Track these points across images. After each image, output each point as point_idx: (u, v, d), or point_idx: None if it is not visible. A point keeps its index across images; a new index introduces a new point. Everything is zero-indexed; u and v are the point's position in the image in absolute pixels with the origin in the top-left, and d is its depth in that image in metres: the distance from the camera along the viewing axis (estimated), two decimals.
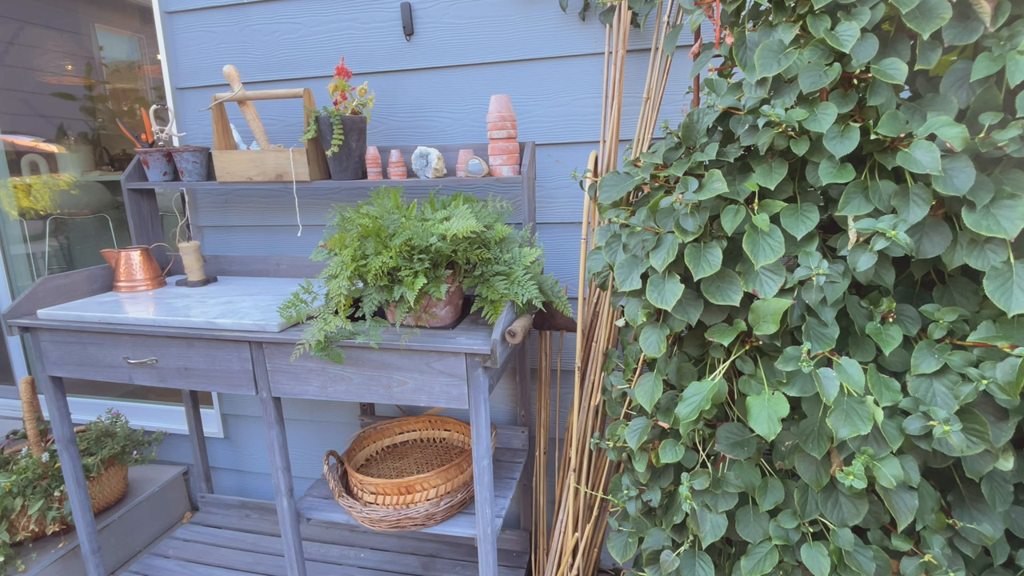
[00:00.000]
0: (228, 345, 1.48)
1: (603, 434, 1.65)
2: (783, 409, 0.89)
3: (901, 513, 0.87)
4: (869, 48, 0.87)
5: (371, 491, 1.57)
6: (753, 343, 1.01)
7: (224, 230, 2.16)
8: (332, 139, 1.68)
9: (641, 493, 1.17)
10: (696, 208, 0.97)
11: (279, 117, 1.98)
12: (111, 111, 2.48)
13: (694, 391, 0.97)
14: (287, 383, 1.47)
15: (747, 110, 0.96)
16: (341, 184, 1.76)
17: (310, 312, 1.46)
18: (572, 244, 1.82)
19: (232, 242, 2.16)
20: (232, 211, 2.12)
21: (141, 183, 1.95)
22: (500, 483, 1.72)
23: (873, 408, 0.84)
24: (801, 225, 0.92)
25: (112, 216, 2.60)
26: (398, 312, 1.34)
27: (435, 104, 1.84)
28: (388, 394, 1.40)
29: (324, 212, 2.01)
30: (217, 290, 1.84)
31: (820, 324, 0.92)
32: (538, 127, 1.77)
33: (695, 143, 1.08)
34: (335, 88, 1.68)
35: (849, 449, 0.90)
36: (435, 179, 1.69)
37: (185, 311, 1.58)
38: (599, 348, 1.59)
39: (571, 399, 1.90)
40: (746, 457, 1.00)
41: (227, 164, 1.81)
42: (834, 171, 0.90)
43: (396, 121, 1.89)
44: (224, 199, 2.12)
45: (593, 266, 1.23)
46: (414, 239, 1.29)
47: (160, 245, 2.06)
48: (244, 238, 2.14)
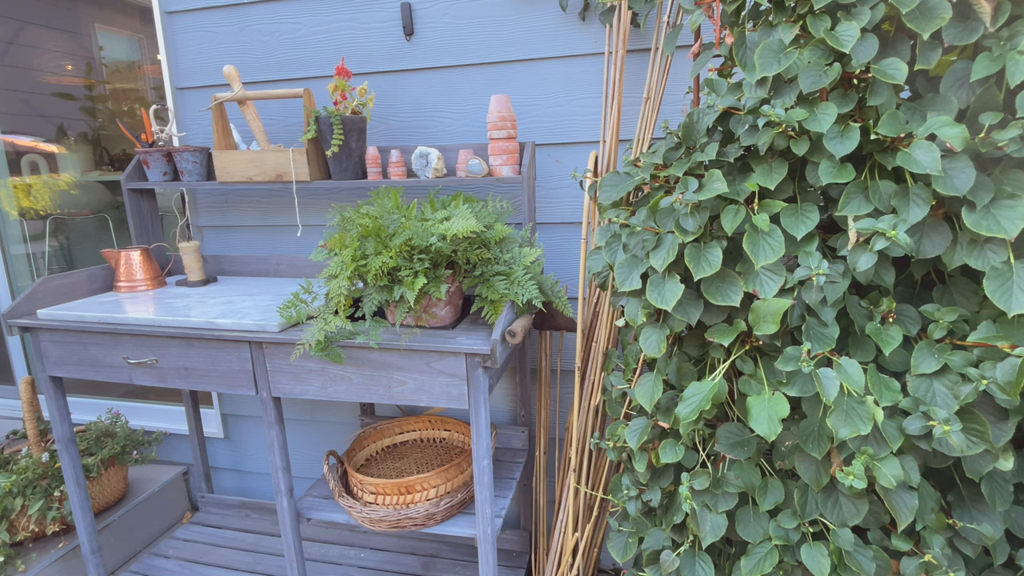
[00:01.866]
0: (228, 345, 1.48)
1: (603, 434, 1.65)
2: (783, 409, 0.89)
3: (901, 513, 0.87)
4: (869, 48, 0.87)
5: (371, 491, 1.57)
6: (753, 343, 1.01)
7: (224, 230, 2.16)
8: (332, 139, 1.68)
9: (641, 493, 1.17)
10: (696, 208, 0.97)
11: (279, 117, 1.98)
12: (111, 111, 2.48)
13: (694, 391, 0.97)
14: (287, 383, 1.47)
15: (747, 110, 0.96)
16: (341, 184, 1.76)
17: (310, 312, 1.46)
18: (572, 244, 1.82)
19: (232, 242, 2.16)
20: (232, 211, 2.12)
21: (141, 183, 1.95)
22: (500, 483, 1.72)
23: (873, 408, 0.84)
24: (801, 225, 0.92)
25: (112, 216, 2.61)
26: (398, 312, 1.34)
27: (435, 104, 1.84)
28: (388, 394, 1.40)
29: (324, 212, 2.01)
30: (217, 290, 1.84)
31: (820, 324, 0.92)
32: (538, 127, 1.77)
33: (695, 143, 1.08)
34: (335, 88, 1.68)
35: (849, 449, 0.90)
36: (435, 179, 1.69)
37: (185, 311, 1.58)
38: (599, 348, 1.59)
39: (571, 399, 1.90)
40: (746, 457, 1.01)
41: (227, 164, 1.82)
42: (834, 171, 0.90)
43: (396, 121, 1.89)
44: (224, 199, 2.12)
45: (593, 266, 1.23)
46: (414, 239, 1.29)
47: (160, 245, 2.05)
48: (244, 238, 2.14)
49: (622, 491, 1.19)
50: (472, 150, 1.69)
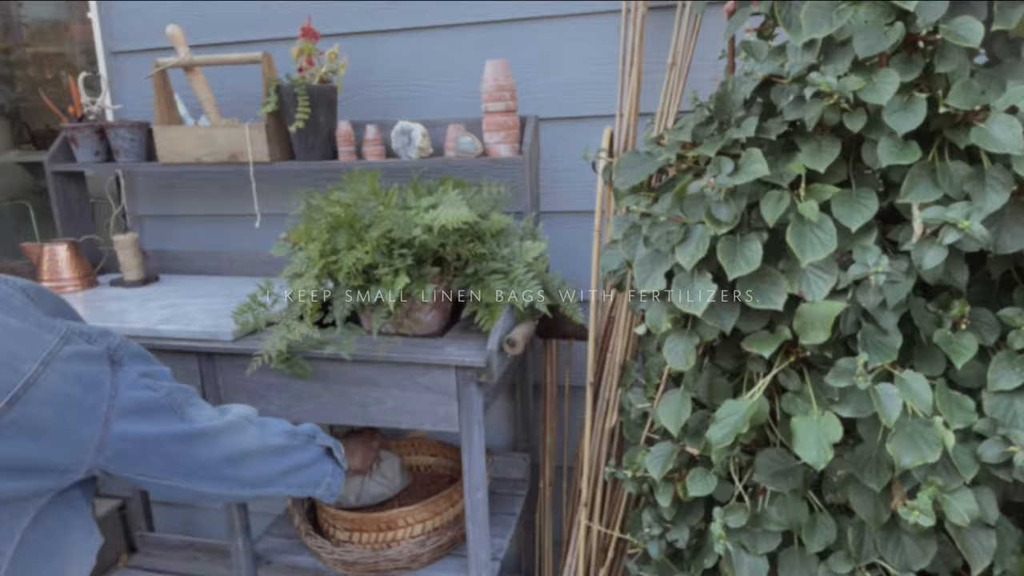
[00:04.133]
0: (172, 357, 1.47)
1: (620, 462, 1.65)
2: (835, 432, 0.89)
3: (976, 555, 0.87)
4: (938, 5, 0.87)
5: (345, 527, 1.57)
6: (799, 354, 1.01)
7: (168, 220, 2.15)
8: (297, 112, 1.68)
9: (665, 532, 1.17)
10: (731, 194, 0.97)
11: (233, 87, 1.97)
12: (32, 79, 2.47)
13: (729, 411, 0.97)
14: (243, 401, 1.45)
15: (792, 78, 0.96)
16: (307, 166, 1.75)
17: (270, 317, 1.46)
18: (583, 237, 1.81)
19: (177, 234, 2.15)
20: (177, 198, 2.12)
21: (68, 164, 1.94)
22: (497, 520, 1.72)
23: (942, 431, 0.84)
24: (857, 214, 0.92)
25: (34, 203, 2.59)
26: (375, 317, 1.34)
27: (419, 71, 1.84)
28: (364, 414, 1.40)
29: (287, 199, 1.99)
30: (159, 291, 1.84)
31: (879, 331, 0.92)
32: (542, 98, 1.77)
33: (730, 117, 1.08)
34: (300, 52, 1.68)
35: (914, 480, 0.90)
36: (419, 160, 1.69)
37: (121, 316, 1.57)
38: (615, 360, 1.59)
39: (581, 421, 1.90)
40: (791, 489, 1.00)
41: (171, 142, 1.81)
42: (896, 150, 0.90)
43: (373, 91, 1.88)
44: (168, 183, 2.11)
45: (608, 263, 1.22)
46: (394, 231, 1.29)
47: (91, 238, 2.05)
48: (192, 229, 2.14)
49: (643, 530, 1.19)
50: (463, 125, 1.69)
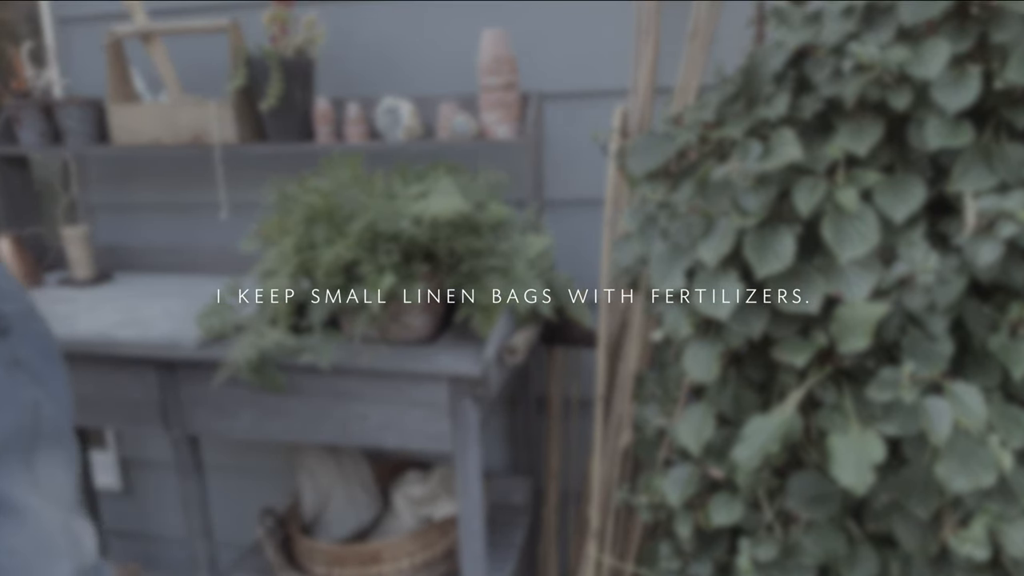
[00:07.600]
0: (128, 366, 1.48)
1: (634, 486, 1.65)
2: (877, 452, 0.89)
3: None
4: None
5: (324, 560, 1.58)
6: (836, 364, 1.01)
7: (124, 210, 2.16)
8: (269, 88, 1.68)
9: (685, 566, 1.17)
10: (760, 181, 0.97)
11: (197, 59, 1.98)
12: None
13: (757, 428, 0.97)
14: (208, 417, 1.47)
15: (829, 49, 0.96)
16: (281, 148, 1.76)
17: (239, 321, 1.46)
18: (592, 230, 1.82)
19: (134, 226, 2.16)
20: (134, 185, 2.13)
21: (10, 148, 1.95)
22: (496, 552, 1.73)
23: (998, 451, 0.84)
24: (902, 204, 0.92)
25: None
26: (357, 321, 1.34)
27: (408, 41, 1.85)
28: (344, 432, 1.40)
29: (258, 186, 2.00)
30: (114, 291, 1.85)
31: (927, 338, 0.92)
32: (546, 72, 1.77)
33: (758, 93, 1.08)
34: (272, 19, 1.68)
35: (966, 506, 0.90)
36: (407, 142, 1.70)
37: (70, 320, 1.58)
38: (628, 370, 1.59)
39: (590, 439, 1.90)
40: (827, 517, 1.01)
41: (127, 121, 1.81)
42: (946, 131, 0.90)
43: (355, 64, 1.89)
44: (123, 169, 2.12)
45: (621, 259, 1.22)
46: (379, 223, 1.29)
47: (36, 231, 2.05)
48: (150, 221, 2.15)
49: (660, 563, 1.19)
50: (457, 103, 1.69)
